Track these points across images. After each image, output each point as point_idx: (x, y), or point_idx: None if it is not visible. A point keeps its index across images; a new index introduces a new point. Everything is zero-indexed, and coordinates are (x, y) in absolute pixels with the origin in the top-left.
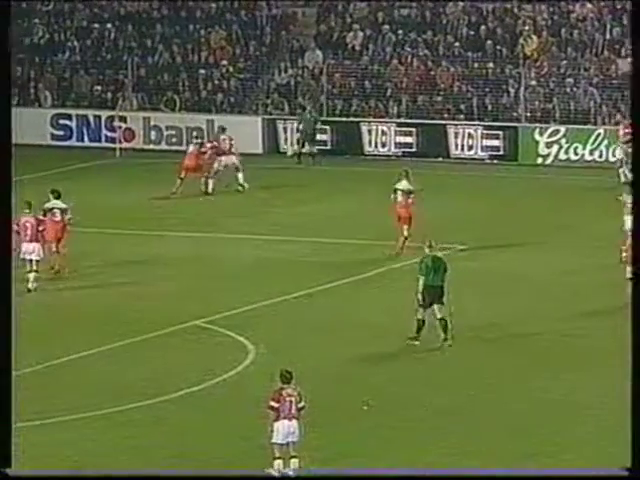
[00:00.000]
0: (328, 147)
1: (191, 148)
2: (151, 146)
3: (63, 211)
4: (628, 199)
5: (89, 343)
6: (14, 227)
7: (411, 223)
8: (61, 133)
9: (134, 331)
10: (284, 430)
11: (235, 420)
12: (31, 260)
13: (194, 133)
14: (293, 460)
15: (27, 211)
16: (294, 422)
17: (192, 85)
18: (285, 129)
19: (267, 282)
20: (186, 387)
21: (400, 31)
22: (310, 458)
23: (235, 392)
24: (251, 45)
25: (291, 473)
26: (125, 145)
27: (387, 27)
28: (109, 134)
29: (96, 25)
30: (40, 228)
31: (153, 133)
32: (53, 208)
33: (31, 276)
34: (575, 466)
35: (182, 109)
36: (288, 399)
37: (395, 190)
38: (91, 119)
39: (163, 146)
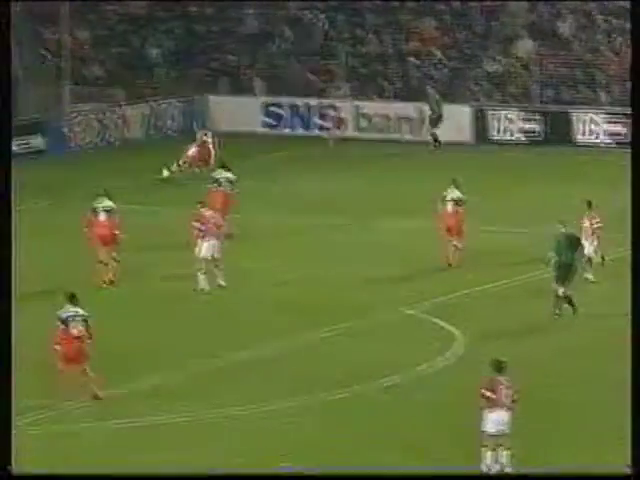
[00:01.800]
0: (540, 137)
1: None
2: (361, 134)
3: (111, 211)
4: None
5: (293, 333)
6: (197, 224)
7: (461, 233)
8: (272, 121)
9: (341, 320)
10: (496, 420)
11: (443, 408)
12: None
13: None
14: (504, 452)
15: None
16: (506, 412)
17: (402, 74)
18: (494, 118)
19: (476, 271)
20: (394, 375)
21: (613, 20)
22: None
23: (444, 380)
24: (462, 34)
25: (502, 462)
26: (335, 133)
27: (599, 16)
28: (320, 122)
29: (308, 14)
30: (218, 224)
31: (363, 121)
32: (100, 208)
33: (217, 271)
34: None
35: (392, 97)
36: (501, 389)
37: (444, 199)
38: (302, 107)
39: (373, 134)
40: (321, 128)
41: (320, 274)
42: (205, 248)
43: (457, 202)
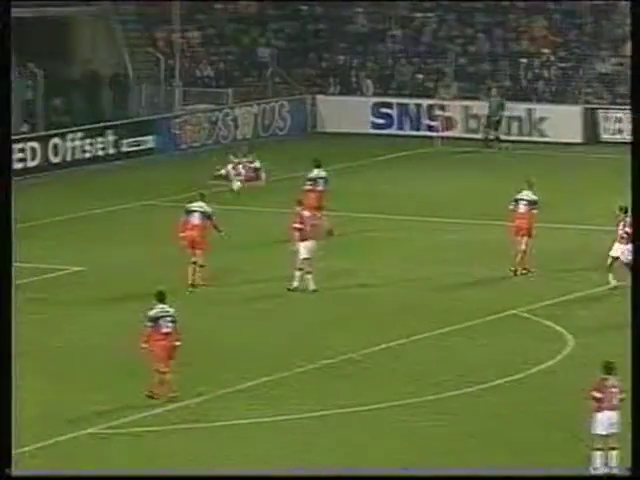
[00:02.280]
0: None
1: None
2: (471, 135)
3: (204, 214)
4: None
5: (404, 331)
6: (297, 225)
7: (531, 236)
8: (382, 121)
9: (453, 320)
10: (606, 421)
11: (552, 409)
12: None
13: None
14: (614, 452)
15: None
16: (616, 413)
17: (512, 74)
18: (606, 118)
19: (586, 272)
20: (504, 376)
21: None
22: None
23: (553, 381)
24: (572, 34)
25: (612, 465)
26: (445, 134)
27: None
28: (429, 123)
29: (418, 14)
30: (313, 222)
31: (473, 122)
32: (195, 211)
33: (309, 276)
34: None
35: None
36: (611, 390)
37: (517, 200)
38: (412, 108)
39: (481, 134)
40: (430, 128)
41: (432, 273)
42: (304, 248)
43: (531, 203)
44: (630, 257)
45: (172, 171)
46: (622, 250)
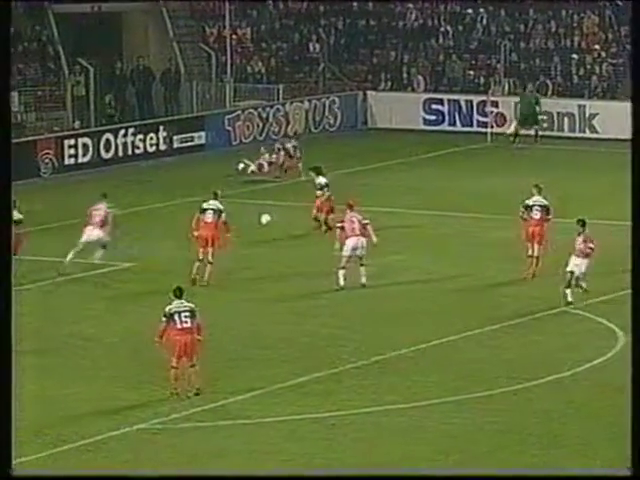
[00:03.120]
0: None
1: None
2: (522, 131)
3: (218, 212)
4: None
5: (455, 328)
6: (342, 224)
7: (542, 242)
8: (433, 118)
9: (503, 317)
10: None
11: (601, 407)
12: (356, 255)
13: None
14: None
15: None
16: None
17: (564, 70)
18: None
19: None
20: (555, 373)
21: None
22: None
23: (604, 379)
24: (623, 29)
25: None
26: (496, 130)
27: None
28: (481, 119)
29: (469, 10)
30: (364, 222)
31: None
32: (207, 209)
33: (362, 270)
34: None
35: (554, 94)
36: None
37: (529, 207)
38: (463, 104)
39: (531, 131)
40: (482, 124)
41: (481, 269)
42: (347, 246)
43: (545, 208)
44: (584, 270)
45: (223, 167)
46: (577, 264)
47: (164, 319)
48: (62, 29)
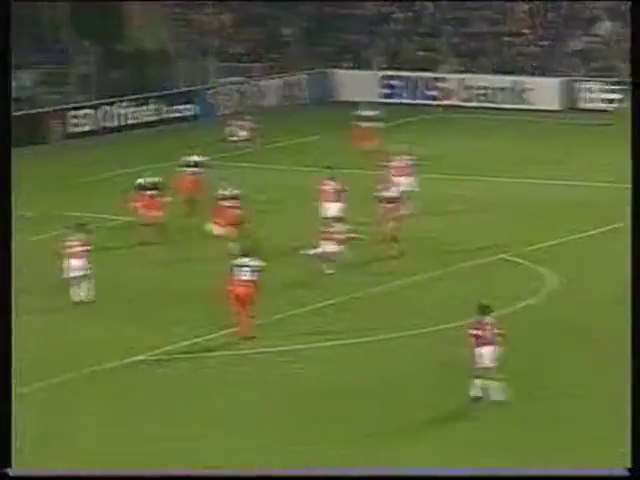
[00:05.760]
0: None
1: None
2: (464, 103)
3: (234, 197)
4: None
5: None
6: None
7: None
8: (388, 91)
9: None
10: (489, 355)
11: (541, 342)
12: None
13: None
14: (495, 383)
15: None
16: (495, 347)
17: (498, 50)
18: (580, 89)
19: (564, 221)
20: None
21: None
22: None
23: (538, 316)
24: (550, 15)
25: (491, 394)
26: (444, 102)
27: None
28: (429, 93)
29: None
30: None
31: (465, 92)
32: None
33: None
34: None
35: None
36: (487, 327)
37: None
38: (414, 80)
39: (474, 103)
40: (431, 98)
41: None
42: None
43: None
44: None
45: (209, 134)
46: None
47: (230, 272)
48: (73, 14)
